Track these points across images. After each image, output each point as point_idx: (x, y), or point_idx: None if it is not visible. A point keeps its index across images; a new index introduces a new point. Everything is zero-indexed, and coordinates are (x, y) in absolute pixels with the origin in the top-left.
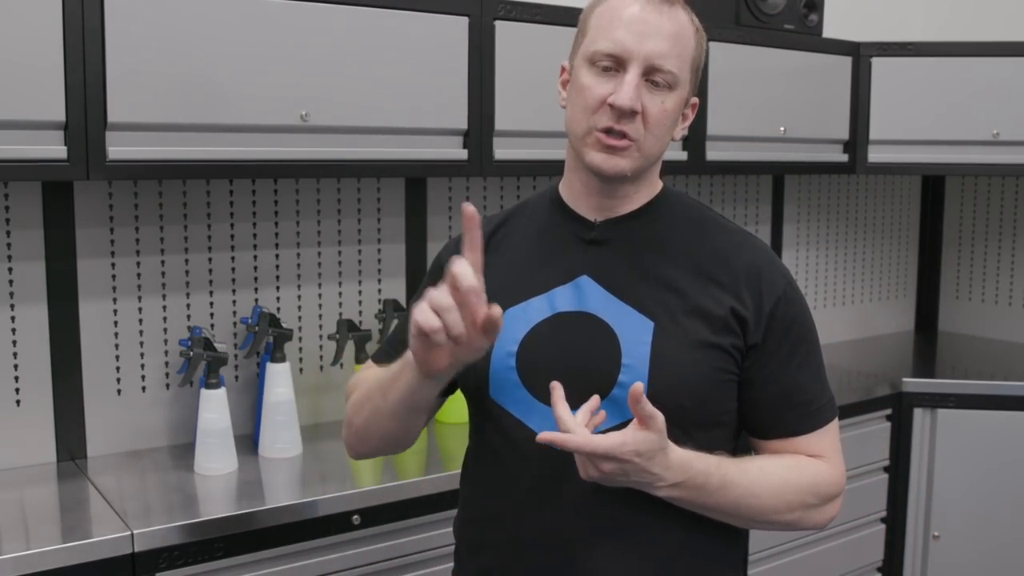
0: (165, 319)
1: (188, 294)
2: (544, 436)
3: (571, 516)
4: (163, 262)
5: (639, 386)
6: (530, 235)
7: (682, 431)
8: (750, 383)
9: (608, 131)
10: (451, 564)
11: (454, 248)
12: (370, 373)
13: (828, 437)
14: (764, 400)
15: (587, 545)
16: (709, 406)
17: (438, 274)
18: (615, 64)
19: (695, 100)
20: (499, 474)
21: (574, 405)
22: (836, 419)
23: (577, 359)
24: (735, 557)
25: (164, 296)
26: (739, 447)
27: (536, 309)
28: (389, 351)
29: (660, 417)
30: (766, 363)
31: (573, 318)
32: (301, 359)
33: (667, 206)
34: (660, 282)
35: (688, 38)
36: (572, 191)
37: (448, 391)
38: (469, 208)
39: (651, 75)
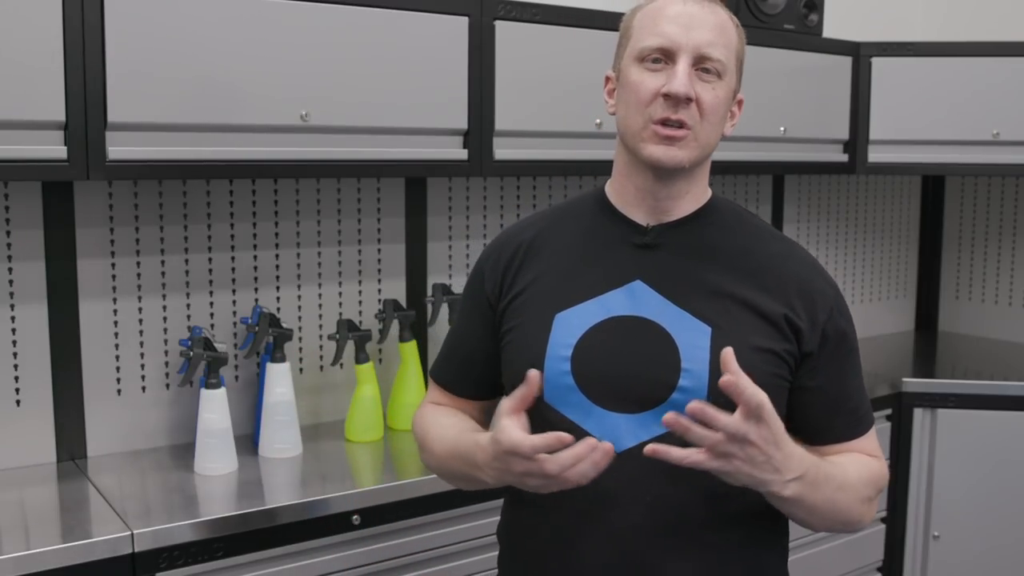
0: (165, 319)
1: (188, 294)
2: (669, 419)
3: (631, 520)
4: (163, 262)
5: (728, 375)
6: (576, 238)
7: None
8: (803, 390)
9: (664, 123)
10: (451, 564)
11: (495, 257)
12: (442, 432)
13: (872, 440)
14: (816, 406)
15: (647, 549)
16: None
17: (478, 285)
18: (664, 57)
19: (741, 96)
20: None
21: (632, 409)
22: (874, 424)
23: (635, 364)
24: (782, 558)
25: (164, 296)
26: None
27: (589, 313)
28: (445, 369)
29: (769, 406)
30: (820, 371)
31: (628, 323)
32: (301, 359)
33: (717, 213)
34: (714, 287)
35: (731, 31)
36: (623, 195)
37: (488, 397)
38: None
39: (701, 63)
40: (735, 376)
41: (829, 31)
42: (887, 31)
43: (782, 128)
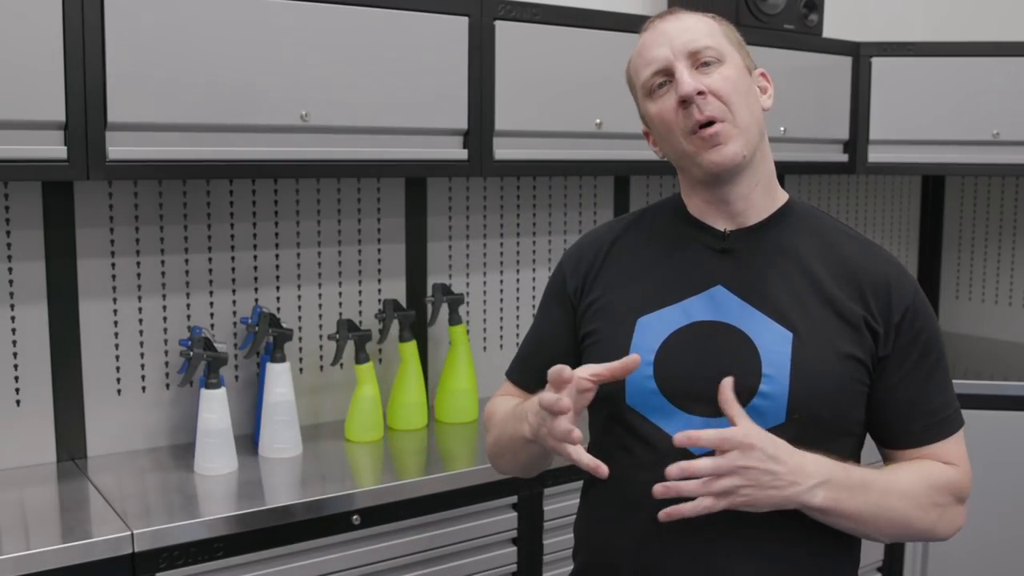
0: (165, 319)
1: (188, 294)
2: (658, 491)
3: (703, 521)
4: (163, 262)
5: (727, 383)
6: (654, 244)
7: (819, 443)
8: (878, 393)
9: (696, 129)
10: (451, 564)
11: (576, 258)
12: (505, 408)
13: (956, 446)
14: (891, 410)
15: (717, 551)
16: (845, 416)
17: (559, 287)
18: (665, 77)
19: (762, 70)
20: (633, 475)
21: (714, 413)
22: (962, 428)
23: (716, 368)
24: (851, 569)
25: (164, 296)
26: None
27: (671, 318)
28: (521, 369)
29: (752, 433)
30: (894, 373)
31: (710, 327)
32: (301, 359)
33: (794, 216)
34: (794, 292)
35: (707, 22)
36: (697, 206)
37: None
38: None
39: (696, 59)
40: (733, 414)
41: (829, 31)
42: (887, 31)
43: (782, 128)
